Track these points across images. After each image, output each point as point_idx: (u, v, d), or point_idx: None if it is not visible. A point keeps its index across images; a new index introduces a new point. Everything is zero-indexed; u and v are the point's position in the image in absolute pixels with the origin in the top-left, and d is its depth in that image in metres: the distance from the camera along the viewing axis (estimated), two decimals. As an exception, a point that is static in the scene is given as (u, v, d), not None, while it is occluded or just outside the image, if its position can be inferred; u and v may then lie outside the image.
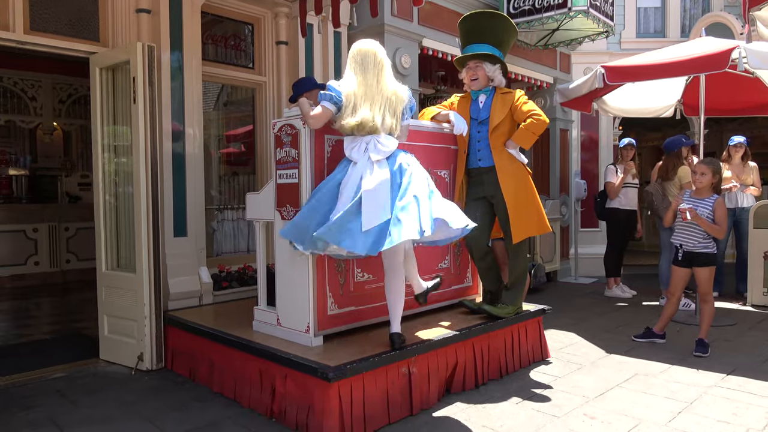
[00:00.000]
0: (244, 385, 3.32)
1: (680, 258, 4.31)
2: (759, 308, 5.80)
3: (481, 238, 3.85)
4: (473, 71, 3.80)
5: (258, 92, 5.41)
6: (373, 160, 2.97)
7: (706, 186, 4.25)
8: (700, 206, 4.20)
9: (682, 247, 4.29)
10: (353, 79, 3.08)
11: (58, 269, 7.45)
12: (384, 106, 3.04)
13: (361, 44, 3.16)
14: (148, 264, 3.85)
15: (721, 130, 10.74)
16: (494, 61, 3.77)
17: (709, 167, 4.24)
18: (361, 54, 3.12)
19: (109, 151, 4.16)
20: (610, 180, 6.45)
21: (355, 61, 3.12)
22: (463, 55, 3.84)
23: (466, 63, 3.83)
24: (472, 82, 3.83)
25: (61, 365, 3.98)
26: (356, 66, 3.10)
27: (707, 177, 4.22)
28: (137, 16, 4.31)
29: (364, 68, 3.08)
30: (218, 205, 5.36)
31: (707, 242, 4.22)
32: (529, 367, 3.97)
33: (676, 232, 4.37)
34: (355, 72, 3.09)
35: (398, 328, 3.18)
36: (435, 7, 5.91)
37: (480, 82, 3.80)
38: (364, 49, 3.13)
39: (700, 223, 4.15)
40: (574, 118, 8.33)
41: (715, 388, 3.54)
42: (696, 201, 4.25)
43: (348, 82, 3.08)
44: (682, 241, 4.29)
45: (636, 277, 7.64)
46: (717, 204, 4.19)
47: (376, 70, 3.08)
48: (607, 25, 6.72)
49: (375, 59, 3.10)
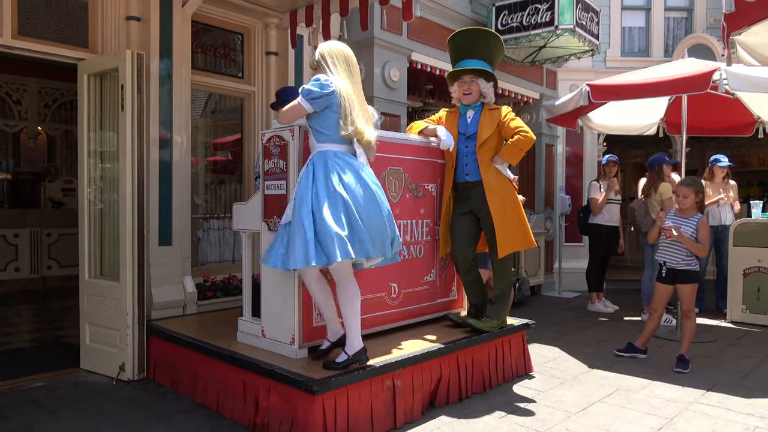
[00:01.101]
0: (227, 397, 3.29)
1: (664, 275, 4.38)
2: (738, 325, 5.90)
3: (466, 251, 3.88)
4: (467, 85, 3.82)
5: (247, 102, 5.41)
6: None
7: (690, 207, 4.32)
8: (684, 225, 4.27)
9: (665, 264, 4.35)
10: (343, 82, 2.91)
11: (38, 276, 7.34)
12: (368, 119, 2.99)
13: (339, 45, 3.02)
14: (132, 272, 3.81)
15: (702, 149, 10.95)
16: (488, 78, 3.82)
17: (691, 189, 4.30)
18: (345, 54, 2.98)
19: (95, 158, 4.13)
20: (593, 196, 6.54)
21: (340, 62, 2.94)
22: (460, 68, 3.82)
23: (459, 77, 3.86)
24: (464, 96, 3.85)
25: (41, 374, 3.91)
26: (344, 66, 2.94)
27: (689, 200, 4.29)
28: (127, 23, 4.30)
29: (349, 71, 2.95)
30: (204, 213, 5.33)
31: (690, 260, 4.28)
32: (513, 381, 3.98)
33: (660, 249, 4.43)
34: (345, 75, 2.93)
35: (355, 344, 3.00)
36: (424, 21, 5.98)
37: (472, 96, 3.84)
38: (346, 51, 2.99)
39: (684, 242, 4.21)
40: (560, 133, 8.45)
41: (695, 404, 3.58)
42: (680, 220, 4.32)
43: (340, 84, 2.90)
44: (665, 258, 4.35)
45: (618, 292, 7.73)
46: (701, 223, 4.26)
47: (358, 75, 3.00)
48: (592, 43, 6.86)
49: (356, 63, 3.01)
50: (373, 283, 3.57)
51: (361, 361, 2.99)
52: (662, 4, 8.90)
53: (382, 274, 3.59)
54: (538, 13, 6.40)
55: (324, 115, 2.90)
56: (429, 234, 3.99)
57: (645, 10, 8.96)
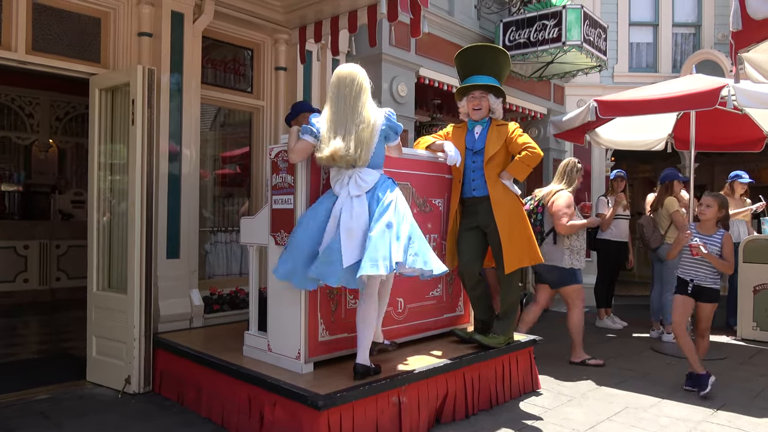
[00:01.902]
0: (232, 411, 3.28)
1: (690, 291, 4.21)
2: (749, 342, 5.83)
3: (473, 266, 3.88)
4: (477, 101, 3.82)
5: (255, 116, 5.46)
6: (353, 195, 2.95)
7: (711, 219, 4.20)
8: (708, 242, 4.15)
9: (692, 281, 4.19)
10: (326, 109, 3.04)
11: (47, 287, 7.38)
12: (359, 135, 2.95)
13: (339, 69, 3.09)
14: (139, 285, 3.83)
15: (711, 164, 10.91)
16: (497, 94, 3.83)
17: (716, 200, 4.20)
18: (335, 81, 3.05)
19: (105, 170, 4.17)
20: (601, 212, 6.51)
21: (330, 90, 3.07)
22: (470, 84, 3.83)
23: (468, 92, 3.86)
24: (474, 111, 3.85)
25: (47, 386, 3.92)
26: (331, 94, 3.04)
27: (713, 210, 4.17)
28: (139, 39, 4.37)
29: (336, 96, 3.01)
30: (212, 226, 5.36)
31: (716, 278, 4.18)
32: (520, 398, 3.95)
33: (686, 266, 4.26)
34: (329, 101, 3.04)
35: (363, 359, 3.06)
36: (432, 37, 6.03)
37: (482, 112, 3.84)
38: (341, 74, 3.05)
39: (711, 260, 4.08)
40: (567, 148, 8.44)
41: (704, 423, 3.53)
42: (704, 237, 4.18)
43: (323, 113, 3.05)
44: (693, 276, 4.20)
45: (627, 308, 7.66)
46: (725, 239, 4.15)
47: (352, 96, 2.99)
48: (600, 59, 6.87)
49: (351, 85, 3.00)
50: (380, 298, 3.56)
51: None
52: (670, 20, 8.92)
53: (388, 288, 3.58)
54: (545, 30, 6.44)
55: None
56: (436, 249, 3.97)
57: (653, 26, 8.98)
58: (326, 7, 4.70)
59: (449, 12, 6.45)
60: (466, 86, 3.85)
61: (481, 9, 7.02)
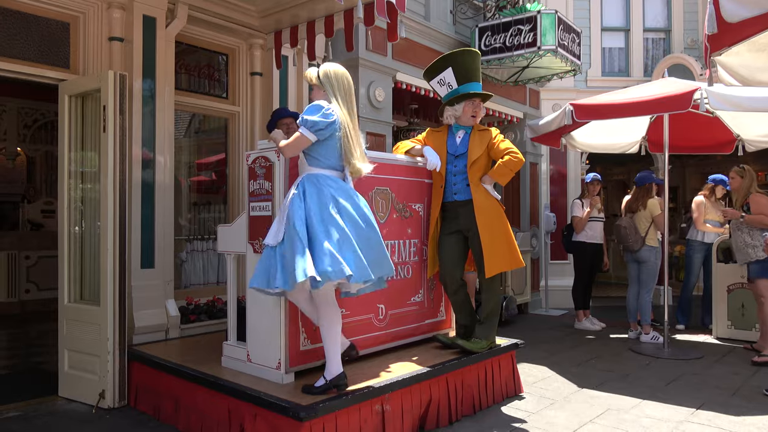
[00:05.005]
0: (211, 425, 3.20)
1: None
2: (724, 341, 5.92)
3: (455, 271, 3.86)
4: (479, 109, 3.87)
5: (231, 122, 5.37)
6: None
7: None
8: None
9: None
10: (337, 105, 2.90)
11: (16, 299, 7.15)
12: None
13: (336, 66, 3.00)
14: (113, 296, 3.72)
15: (682, 165, 11.12)
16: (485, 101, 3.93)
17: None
18: (346, 83, 2.97)
19: (76, 179, 4.05)
20: (576, 214, 6.59)
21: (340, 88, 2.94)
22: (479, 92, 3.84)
23: (470, 98, 3.84)
24: (472, 118, 3.87)
25: (16, 403, 3.78)
26: (341, 94, 2.93)
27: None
28: (109, 44, 4.26)
29: (347, 94, 2.94)
30: (187, 235, 5.25)
31: None
32: (503, 402, 3.94)
33: None
34: (339, 95, 2.92)
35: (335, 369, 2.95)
36: (409, 42, 6.02)
37: (476, 119, 3.89)
38: (348, 79, 2.99)
39: None
40: (544, 152, 8.52)
41: (686, 423, 3.56)
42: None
43: (335, 109, 2.88)
44: None
45: (604, 309, 7.74)
46: None
47: (352, 98, 2.98)
48: (574, 63, 6.95)
49: (350, 87, 2.98)
50: (361, 305, 3.52)
51: (340, 387, 2.93)
52: (641, 25, 9.08)
53: (369, 295, 3.51)
54: (520, 34, 6.48)
55: (325, 144, 2.89)
56: (416, 254, 3.96)
57: (624, 31, 9.13)
58: (302, 12, 4.65)
59: (425, 17, 6.46)
60: (478, 93, 3.84)
61: (457, 14, 7.05)
